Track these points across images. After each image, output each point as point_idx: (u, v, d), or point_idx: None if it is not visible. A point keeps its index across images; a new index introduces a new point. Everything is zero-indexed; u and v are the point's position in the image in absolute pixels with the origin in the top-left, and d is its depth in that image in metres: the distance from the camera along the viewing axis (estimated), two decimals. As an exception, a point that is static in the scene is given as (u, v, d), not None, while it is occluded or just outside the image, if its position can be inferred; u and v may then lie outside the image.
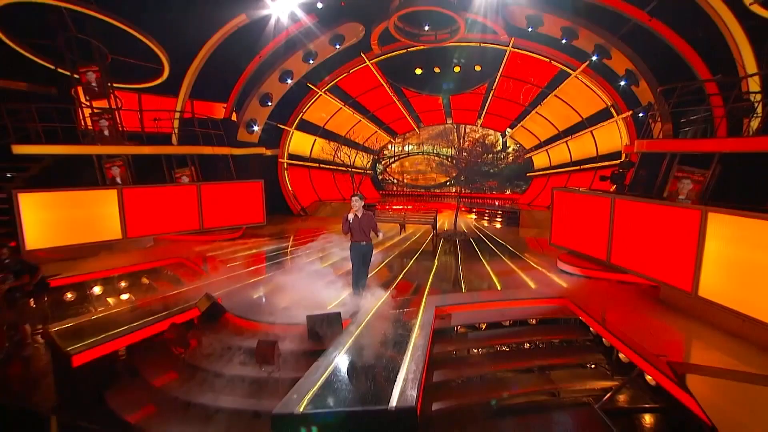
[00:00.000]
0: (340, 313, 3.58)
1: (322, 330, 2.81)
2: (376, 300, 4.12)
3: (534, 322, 4.04)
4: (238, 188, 9.73)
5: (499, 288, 4.97)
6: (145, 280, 6.29)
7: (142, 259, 6.71)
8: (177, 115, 11.11)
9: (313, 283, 4.82)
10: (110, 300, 5.58)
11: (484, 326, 4.04)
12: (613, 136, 12.01)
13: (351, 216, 4.01)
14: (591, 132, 13.17)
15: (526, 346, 3.78)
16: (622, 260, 4.60)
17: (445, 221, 12.19)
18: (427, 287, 4.92)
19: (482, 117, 17.45)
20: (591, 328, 3.68)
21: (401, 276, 5.30)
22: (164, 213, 8.25)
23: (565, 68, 11.92)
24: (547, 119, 14.93)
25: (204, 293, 4.48)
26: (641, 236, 4.39)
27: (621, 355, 3.26)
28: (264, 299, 4.50)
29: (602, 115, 12.31)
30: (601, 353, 3.46)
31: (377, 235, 3.83)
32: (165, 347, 3.76)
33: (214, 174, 10.95)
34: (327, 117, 16.48)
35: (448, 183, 22.07)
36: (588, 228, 5.23)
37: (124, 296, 5.71)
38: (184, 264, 6.58)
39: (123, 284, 6.21)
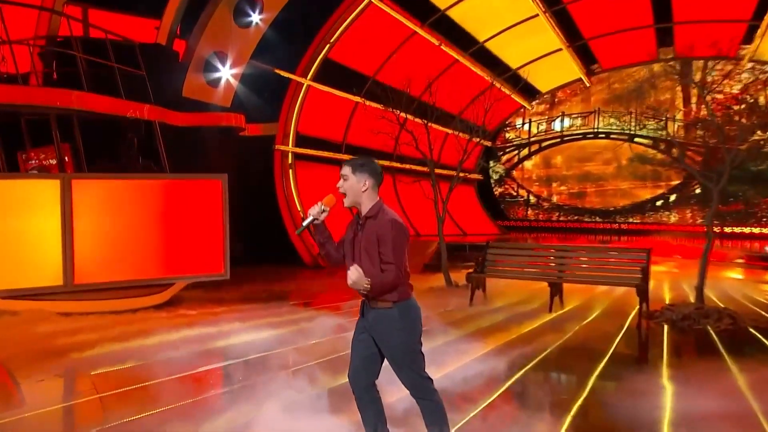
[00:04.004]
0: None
1: None
2: None
3: None
4: (169, 192, 10.07)
5: None
6: None
7: None
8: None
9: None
10: None
11: None
12: None
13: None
14: None
15: None
16: None
17: (664, 283, 12.88)
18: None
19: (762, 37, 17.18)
20: None
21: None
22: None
23: None
24: None
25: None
26: None
27: None
28: None
29: None
30: None
31: (396, 284, 3.48)
32: None
33: (115, 160, 11.30)
34: (382, 55, 18.02)
35: (663, 201, 21.70)
36: None
37: None
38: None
39: None
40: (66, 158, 10.90)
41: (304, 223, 3.56)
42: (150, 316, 9.18)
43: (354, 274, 3.33)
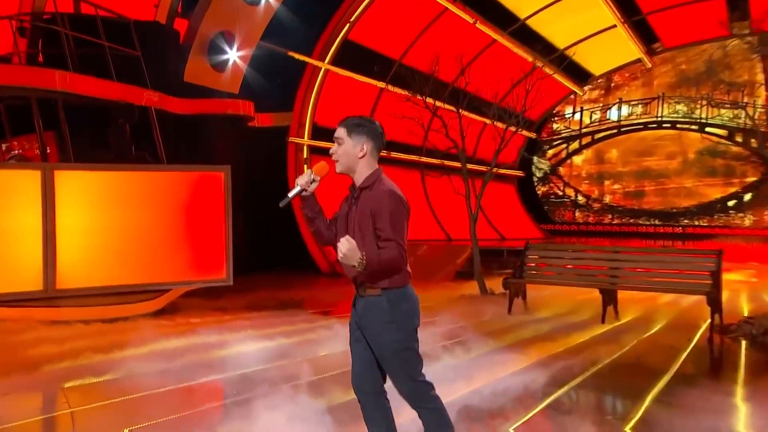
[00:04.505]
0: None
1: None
2: None
3: None
4: (165, 186, 10.22)
5: None
6: None
7: None
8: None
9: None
10: None
11: None
12: None
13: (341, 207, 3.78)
14: None
15: None
16: None
17: (741, 294, 12.85)
18: None
19: None
20: None
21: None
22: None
23: None
24: None
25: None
26: None
27: None
28: None
29: None
30: None
31: (398, 264, 3.46)
32: None
33: (106, 150, 11.45)
34: (410, 35, 17.93)
35: (736, 201, 21.42)
36: None
37: None
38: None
39: None
40: (49, 148, 11.00)
41: (290, 194, 3.51)
42: (140, 325, 9.22)
43: (345, 245, 3.23)
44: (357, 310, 3.65)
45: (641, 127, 23.48)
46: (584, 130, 24.54)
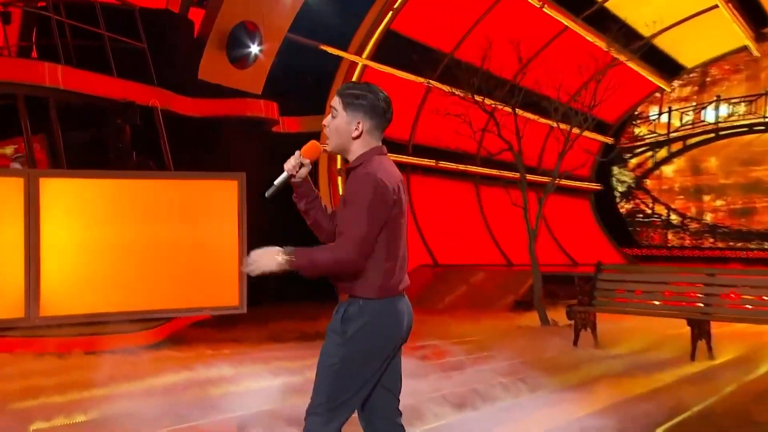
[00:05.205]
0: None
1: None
2: None
3: None
4: (168, 197, 10.43)
5: None
6: None
7: None
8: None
9: None
10: None
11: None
12: None
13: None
14: None
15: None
16: None
17: None
18: None
19: None
20: None
21: None
22: None
23: None
24: None
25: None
26: None
27: None
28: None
29: None
30: None
31: (345, 268, 3.46)
32: None
33: (102, 156, 11.63)
34: (464, 24, 18.04)
35: None
36: None
37: None
38: None
39: None
40: (30, 154, 11.23)
41: (276, 182, 3.47)
42: (136, 358, 9.32)
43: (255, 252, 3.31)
44: (333, 317, 3.64)
45: (745, 129, 23.23)
46: (673, 135, 24.48)
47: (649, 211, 24.79)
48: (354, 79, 17.08)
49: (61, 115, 11.22)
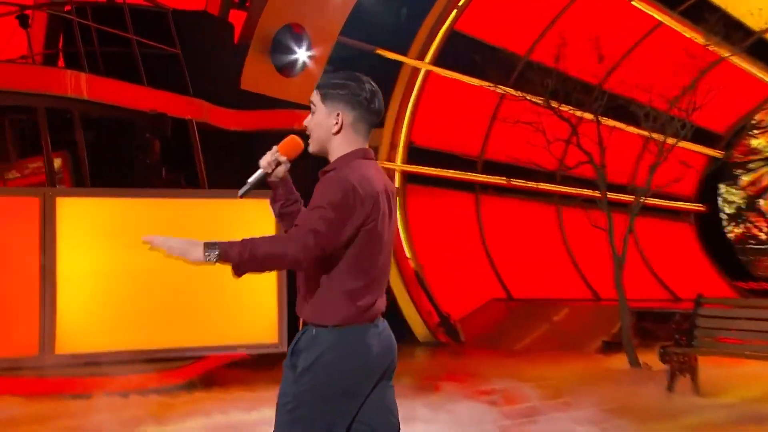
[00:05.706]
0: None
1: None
2: None
3: None
4: (200, 219, 10.67)
5: None
6: None
7: None
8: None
9: None
10: None
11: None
12: None
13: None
14: None
15: None
16: None
17: None
18: None
19: None
20: None
21: None
22: None
23: None
24: None
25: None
26: None
27: None
28: None
29: None
30: None
31: (297, 260, 3.32)
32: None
33: (127, 171, 12.03)
34: (540, 23, 18.46)
35: None
36: None
37: None
38: None
39: None
40: (62, 170, 11.52)
41: (250, 180, 3.50)
42: (161, 400, 9.49)
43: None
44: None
45: None
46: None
47: (764, 237, 24.47)
48: (416, 87, 17.08)
49: (86, 128, 11.44)
